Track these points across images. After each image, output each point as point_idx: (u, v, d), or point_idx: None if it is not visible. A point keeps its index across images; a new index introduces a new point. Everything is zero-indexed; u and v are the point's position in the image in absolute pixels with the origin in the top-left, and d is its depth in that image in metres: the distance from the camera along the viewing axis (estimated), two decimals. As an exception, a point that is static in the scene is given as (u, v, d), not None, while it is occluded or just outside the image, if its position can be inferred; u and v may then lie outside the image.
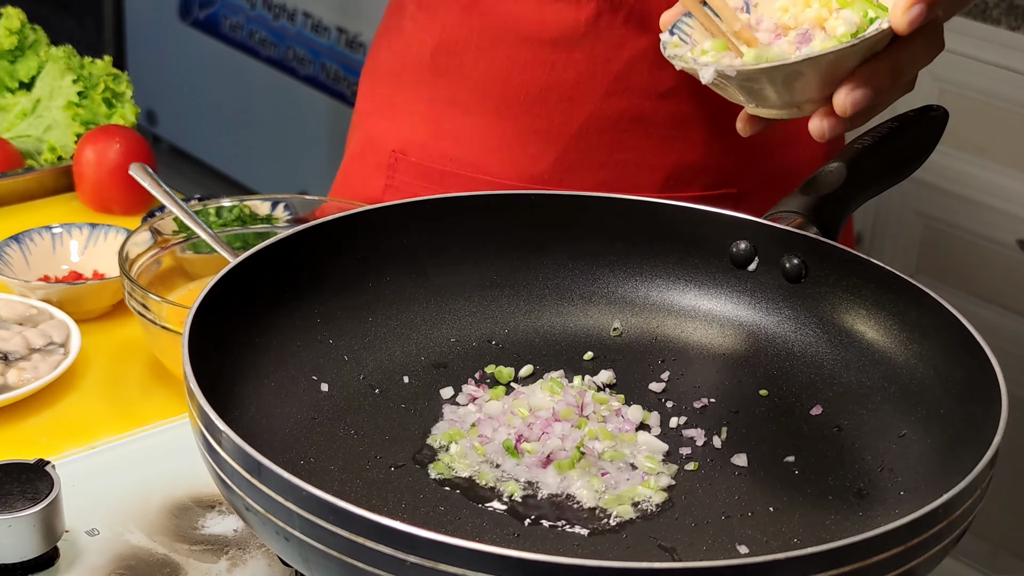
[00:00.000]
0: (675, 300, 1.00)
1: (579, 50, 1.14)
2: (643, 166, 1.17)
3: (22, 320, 1.11)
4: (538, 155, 1.18)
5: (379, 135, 1.26)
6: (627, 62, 1.15)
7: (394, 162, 1.24)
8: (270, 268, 0.91)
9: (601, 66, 1.15)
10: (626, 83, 1.15)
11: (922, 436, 0.85)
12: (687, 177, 1.18)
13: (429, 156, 1.22)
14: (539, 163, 1.17)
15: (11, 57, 1.50)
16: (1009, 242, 2.08)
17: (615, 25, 1.13)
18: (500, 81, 1.17)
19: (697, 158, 1.18)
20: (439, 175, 1.21)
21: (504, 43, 1.16)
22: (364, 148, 1.28)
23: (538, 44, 1.15)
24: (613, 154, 1.17)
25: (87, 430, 1.02)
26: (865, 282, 0.93)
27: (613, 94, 1.15)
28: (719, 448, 0.89)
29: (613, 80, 1.15)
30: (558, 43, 1.15)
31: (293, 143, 3.34)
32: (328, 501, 0.67)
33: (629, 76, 1.15)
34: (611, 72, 1.15)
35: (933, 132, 1.12)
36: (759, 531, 0.81)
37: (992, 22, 2.04)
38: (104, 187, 1.38)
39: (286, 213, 1.21)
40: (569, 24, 1.14)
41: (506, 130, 1.18)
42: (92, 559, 0.85)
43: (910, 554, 0.68)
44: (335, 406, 0.90)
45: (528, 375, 0.94)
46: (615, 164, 1.17)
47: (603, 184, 1.17)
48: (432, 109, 1.21)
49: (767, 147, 1.20)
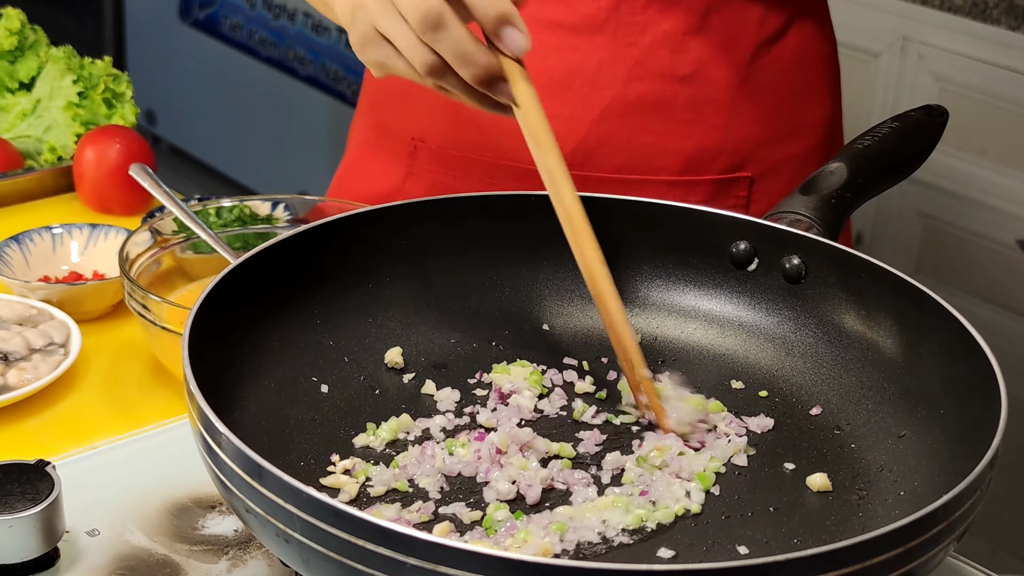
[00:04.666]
0: (675, 300, 1.00)
1: (601, 35, 1.15)
2: (663, 150, 1.18)
3: (22, 320, 1.11)
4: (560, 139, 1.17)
5: (395, 124, 1.26)
6: (648, 46, 1.16)
7: (413, 150, 1.24)
8: (270, 269, 0.91)
9: (623, 50, 1.16)
10: (647, 67, 1.16)
11: (922, 436, 0.85)
12: (705, 160, 1.19)
13: (450, 143, 1.22)
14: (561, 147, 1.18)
15: (11, 57, 1.50)
16: (1009, 242, 2.08)
17: (636, 10, 1.15)
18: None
19: (715, 142, 1.18)
20: (462, 161, 1.22)
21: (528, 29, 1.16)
22: (379, 138, 1.28)
23: (561, 29, 1.16)
24: (634, 138, 1.17)
25: (87, 430, 1.02)
26: (865, 282, 0.93)
27: (635, 78, 1.16)
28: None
29: (635, 64, 1.16)
30: (581, 28, 1.16)
31: (293, 143, 3.33)
32: (328, 504, 0.67)
33: (650, 60, 1.16)
34: (633, 56, 1.16)
35: (933, 132, 1.12)
36: (759, 531, 0.81)
37: (992, 22, 2.04)
38: (104, 187, 1.38)
39: (286, 213, 1.21)
40: (592, 9, 1.15)
41: None
42: (92, 559, 0.85)
43: (910, 555, 0.68)
44: (335, 407, 0.90)
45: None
46: (636, 148, 1.18)
47: (623, 167, 1.17)
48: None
49: (779, 132, 1.21)
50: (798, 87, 1.22)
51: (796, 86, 1.21)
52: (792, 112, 1.22)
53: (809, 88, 1.23)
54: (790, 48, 1.19)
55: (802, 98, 1.22)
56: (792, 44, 1.20)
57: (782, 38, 1.19)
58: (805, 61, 1.21)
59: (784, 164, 1.22)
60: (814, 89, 1.23)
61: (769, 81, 1.19)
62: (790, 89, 1.21)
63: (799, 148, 1.22)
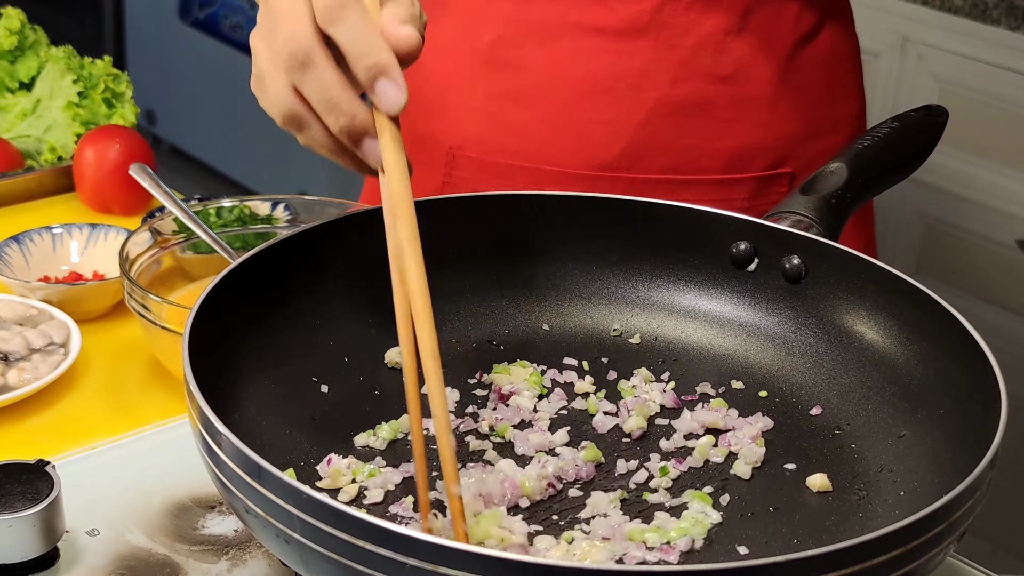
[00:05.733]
0: (675, 300, 1.00)
1: (644, 38, 1.16)
2: (707, 149, 1.19)
3: (22, 320, 1.11)
4: (606, 144, 1.18)
5: (431, 134, 1.25)
6: (691, 47, 1.16)
7: (451, 159, 1.23)
8: (270, 269, 0.91)
9: (667, 52, 1.16)
10: (690, 68, 1.16)
11: (922, 437, 0.85)
12: (747, 158, 1.19)
13: (488, 151, 1.22)
14: (607, 152, 1.18)
15: (11, 57, 1.50)
16: (1009, 242, 2.08)
17: (679, 11, 1.15)
18: (563, 73, 1.18)
19: (757, 140, 1.19)
20: (503, 168, 1.21)
21: (567, 35, 1.17)
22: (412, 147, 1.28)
23: (602, 34, 1.16)
24: (678, 139, 1.18)
25: (87, 430, 1.02)
26: (865, 283, 0.93)
27: (678, 80, 1.16)
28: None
29: (678, 66, 1.16)
30: (622, 33, 1.16)
31: (293, 143, 3.30)
32: (328, 504, 0.67)
33: (693, 61, 1.16)
34: (676, 58, 1.16)
35: (933, 132, 1.12)
36: (759, 531, 0.81)
37: (992, 22, 2.04)
38: (104, 187, 1.38)
39: (286, 213, 1.21)
40: (634, 12, 1.15)
41: (572, 121, 1.19)
42: (92, 559, 0.85)
43: (910, 556, 0.68)
44: (335, 407, 0.90)
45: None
46: (681, 149, 1.18)
47: (668, 169, 1.18)
48: (490, 104, 1.21)
49: (817, 128, 1.22)
50: (831, 83, 1.23)
51: (829, 82, 1.23)
52: (827, 108, 1.23)
53: (840, 84, 1.24)
54: (823, 45, 1.20)
55: (835, 94, 1.24)
56: (825, 42, 1.21)
57: (816, 36, 1.20)
58: (837, 58, 1.23)
59: (821, 158, 1.22)
60: (845, 85, 1.25)
61: (806, 78, 1.20)
62: (824, 85, 1.22)
63: (834, 143, 1.23)
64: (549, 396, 0.93)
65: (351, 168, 0.82)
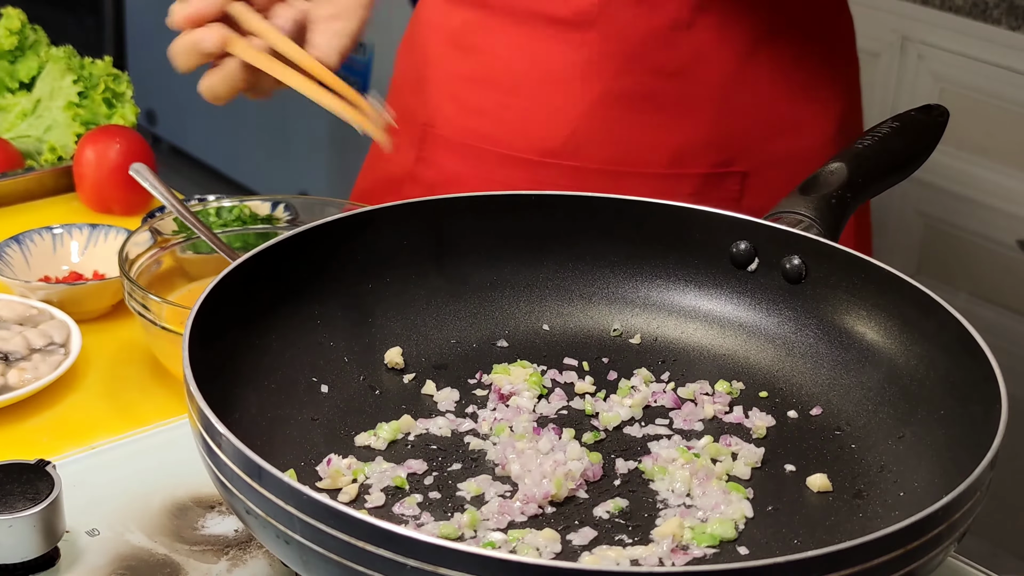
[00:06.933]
0: (675, 300, 1.00)
1: (592, 30, 1.17)
2: (650, 144, 1.20)
3: (22, 320, 1.11)
4: (552, 131, 1.21)
5: (411, 108, 1.29)
6: (638, 42, 1.17)
7: (423, 135, 1.27)
8: (270, 269, 0.91)
9: (613, 45, 1.18)
10: (637, 62, 1.18)
11: (922, 437, 0.85)
12: (693, 154, 1.20)
13: (454, 130, 1.25)
14: (553, 139, 1.21)
15: (11, 57, 1.50)
16: (1009, 242, 2.08)
17: (626, 5, 1.16)
18: (520, 59, 1.21)
19: (703, 136, 1.20)
20: (463, 148, 1.25)
21: (527, 23, 1.20)
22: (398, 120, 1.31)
23: (556, 24, 1.18)
24: (623, 131, 1.20)
25: (87, 430, 1.02)
26: (865, 283, 0.93)
27: (623, 73, 1.18)
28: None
29: (624, 59, 1.18)
30: (573, 24, 1.18)
31: (293, 143, 3.33)
32: (328, 505, 0.67)
33: (640, 55, 1.18)
34: (622, 51, 1.17)
35: (933, 132, 1.12)
36: (759, 532, 0.81)
37: (992, 22, 2.04)
38: (104, 187, 1.38)
39: (286, 213, 1.21)
40: (583, 6, 1.17)
41: (523, 106, 1.22)
42: (92, 559, 0.85)
43: (911, 556, 0.68)
44: (335, 407, 0.90)
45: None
46: (624, 141, 1.20)
47: (612, 160, 1.19)
48: (455, 84, 1.25)
49: (775, 128, 1.22)
50: (797, 83, 1.22)
51: (795, 82, 1.22)
52: (790, 108, 1.22)
53: (805, 85, 1.23)
54: (788, 45, 1.20)
55: (802, 94, 1.23)
56: (790, 41, 1.20)
57: (779, 35, 1.19)
58: (806, 58, 1.22)
59: (785, 160, 1.22)
60: (817, 85, 1.23)
61: (765, 77, 1.19)
62: (788, 85, 1.21)
63: (801, 144, 1.23)
64: (549, 396, 0.93)
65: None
